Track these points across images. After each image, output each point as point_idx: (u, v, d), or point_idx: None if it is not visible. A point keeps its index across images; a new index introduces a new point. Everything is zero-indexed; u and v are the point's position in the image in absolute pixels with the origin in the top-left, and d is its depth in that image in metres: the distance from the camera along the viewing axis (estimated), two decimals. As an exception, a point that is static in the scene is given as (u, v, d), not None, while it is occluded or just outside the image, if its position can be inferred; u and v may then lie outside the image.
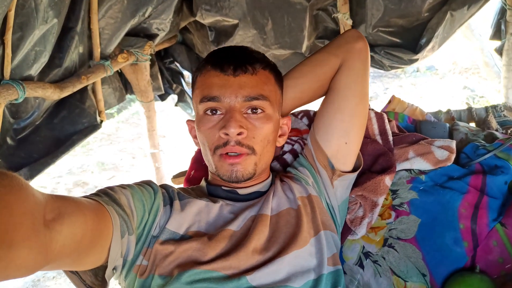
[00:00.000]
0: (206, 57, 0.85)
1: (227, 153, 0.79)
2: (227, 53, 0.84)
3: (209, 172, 0.93)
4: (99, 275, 0.82)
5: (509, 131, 1.08)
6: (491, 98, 4.03)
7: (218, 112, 0.80)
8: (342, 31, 1.98)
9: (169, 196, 0.83)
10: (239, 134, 0.77)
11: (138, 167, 4.09)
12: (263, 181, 0.89)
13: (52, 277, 2.68)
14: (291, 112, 1.04)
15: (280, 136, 0.91)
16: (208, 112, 0.81)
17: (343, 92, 0.89)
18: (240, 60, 0.81)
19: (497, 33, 2.24)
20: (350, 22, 1.94)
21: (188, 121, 0.93)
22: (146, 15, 1.73)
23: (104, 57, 1.69)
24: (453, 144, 0.97)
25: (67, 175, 4.04)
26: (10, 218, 0.46)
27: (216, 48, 0.87)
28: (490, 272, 0.81)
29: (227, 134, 0.77)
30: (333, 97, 0.91)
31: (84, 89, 1.67)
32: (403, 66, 2.07)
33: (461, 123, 1.17)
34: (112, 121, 5.13)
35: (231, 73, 0.79)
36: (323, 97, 0.96)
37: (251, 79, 0.80)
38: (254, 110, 0.81)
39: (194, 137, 0.91)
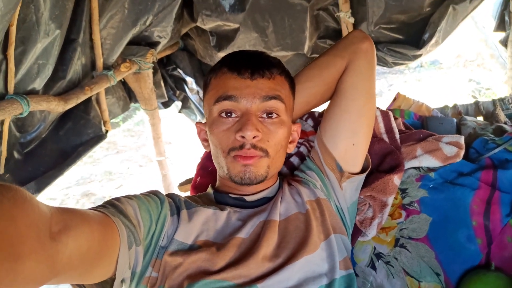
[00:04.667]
0: (221, 60, 0.85)
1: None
2: (243, 57, 0.83)
3: (218, 177, 0.92)
4: None
5: (518, 124, 1.06)
6: (498, 90, 3.99)
7: (233, 115, 0.79)
8: (344, 29, 1.97)
9: (176, 205, 0.82)
10: (254, 137, 0.77)
11: (145, 176, 4.10)
12: (271, 186, 0.88)
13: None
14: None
15: (290, 142, 0.90)
16: (223, 114, 0.80)
17: (350, 92, 0.88)
18: (257, 65, 0.80)
19: (501, 25, 2.22)
20: (352, 20, 1.93)
21: (198, 123, 0.91)
22: (147, 23, 1.73)
23: (107, 67, 1.69)
24: (462, 139, 0.96)
25: (75, 186, 4.07)
26: (15, 231, 0.46)
27: (231, 52, 0.87)
28: (506, 269, 0.79)
29: (243, 137, 0.76)
30: (340, 98, 0.90)
31: (88, 99, 1.67)
32: (406, 62, 2.05)
33: (468, 118, 1.15)
34: (118, 130, 5.16)
35: (249, 76, 0.79)
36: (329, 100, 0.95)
37: (268, 83, 0.80)
38: (270, 115, 0.80)
39: (203, 140, 0.90)
